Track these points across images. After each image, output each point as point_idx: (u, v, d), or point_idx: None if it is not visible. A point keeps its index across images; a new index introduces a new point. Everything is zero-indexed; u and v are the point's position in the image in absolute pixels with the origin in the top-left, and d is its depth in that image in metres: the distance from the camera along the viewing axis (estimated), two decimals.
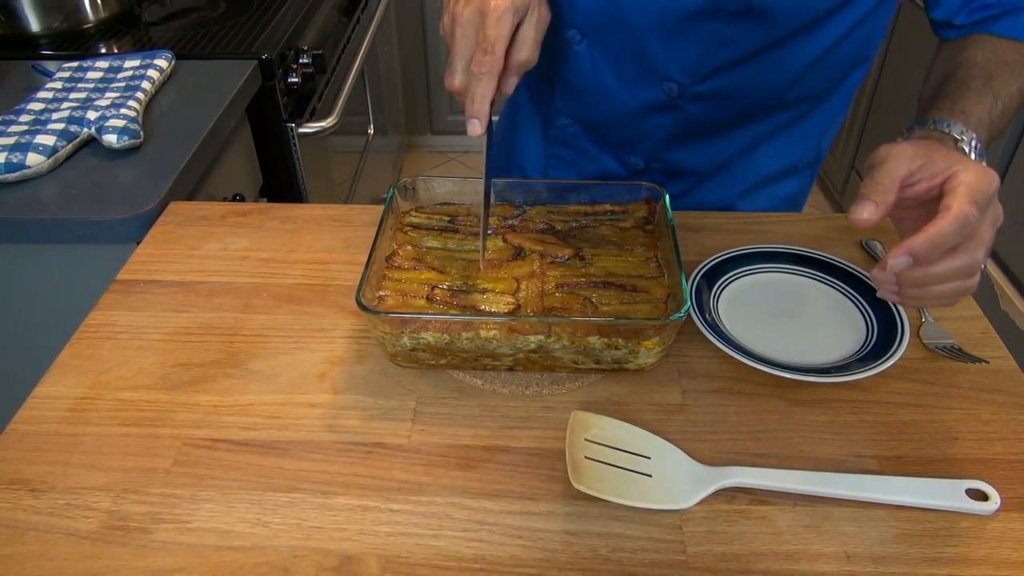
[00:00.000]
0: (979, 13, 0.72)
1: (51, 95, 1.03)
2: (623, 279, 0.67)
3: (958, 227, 0.49)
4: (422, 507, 0.54)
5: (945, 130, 0.62)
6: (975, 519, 0.54)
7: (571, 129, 0.90)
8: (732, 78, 0.77)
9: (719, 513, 0.54)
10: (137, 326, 0.69)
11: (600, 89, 0.82)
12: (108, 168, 0.93)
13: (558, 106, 0.89)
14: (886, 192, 0.52)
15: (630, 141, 0.87)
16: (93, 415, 0.61)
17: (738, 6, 0.70)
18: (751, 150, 0.86)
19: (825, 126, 0.87)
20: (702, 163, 0.87)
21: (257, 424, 0.60)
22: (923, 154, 0.53)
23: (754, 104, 0.81)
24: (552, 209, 0.75)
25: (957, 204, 0.50)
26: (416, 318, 0.61)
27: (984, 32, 0.72)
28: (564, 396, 0.63)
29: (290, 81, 1.33)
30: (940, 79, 0.71)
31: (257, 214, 0.84)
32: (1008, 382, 0.64)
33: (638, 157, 0.88)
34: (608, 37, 0.77)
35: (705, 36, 0.73)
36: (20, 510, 0.54)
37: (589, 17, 0.77)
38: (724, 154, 0.86)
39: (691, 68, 0.76)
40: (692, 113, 0.80)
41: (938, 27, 0.76)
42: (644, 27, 0.74)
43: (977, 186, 0.50)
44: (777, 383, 0.63)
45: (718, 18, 0.71)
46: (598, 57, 0.80)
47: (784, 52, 0.75)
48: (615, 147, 0.89)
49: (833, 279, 0.72)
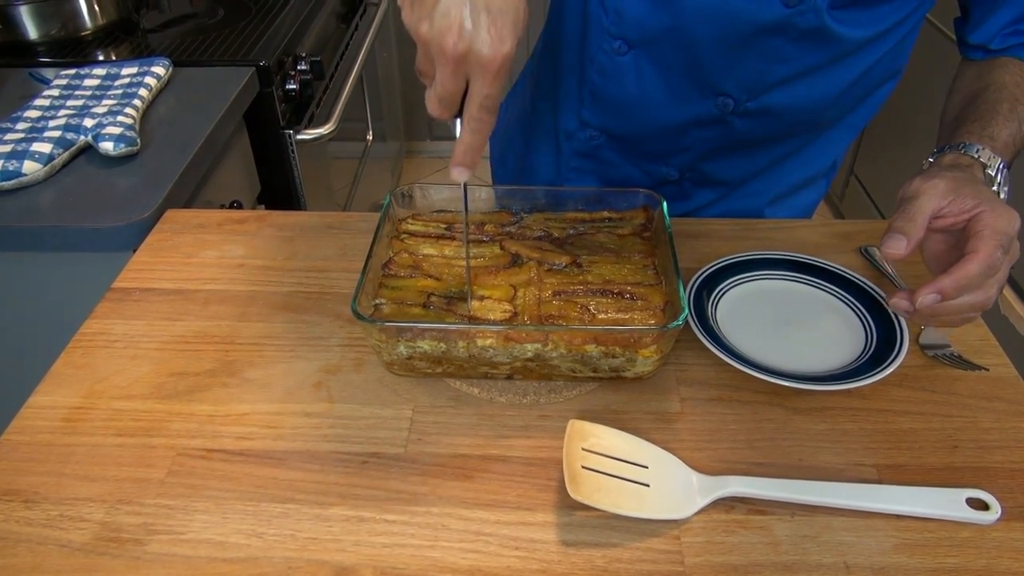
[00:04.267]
0: (1013, 39, 0.72)
1: (48, 102, 1.03)
2: (621, 286, 0.66)
3: (985, 270, 0.54)
4: (418, 518, 0.54)
5: (975, 156, 0.64)
6: (975, 528, 0.53)
7: (596, 141, 0.87)
8: (784, 95, 0.76)
9: (717, 523, 0.53)
10: (132, 335, 0.69)
11: (644, 101, 0.80)
12: (105, 175, 0.92)
13: (585, 117, 0.85)
14: (917, 228, 0.57)
15: (666, 153, 0.85)
16: (87, 425, 0.61)
17: (809, 24, 0.69)
18: (781, 161, 0.86)
19: (848, 137, 0.88)
20: (735, 174, 0.87)
21: (252, 434, 0.60)
22: (953, 189, 0.58)
23: (798, 120, 0.80)
24: (549, 216, 0.75)
25: (984, 248, 0.55)
26: (412, 326, 0.60)
27: (1013, 56, 0.72)
28: (561, 405, 0.62)
29: (288, 88, 1.33)
30: (967, 99, 0.71)
31: (254, 222, 0.84)
32: (1008, 390, 0.64)
33: (672, 168, 0.86)
34: (662, 49, 0.75)
35: (768, 53, 0.72)
36: (13, 521, 0.53)
37: (641, 28, 0.75)
38: (757, 165, 0.86)
39: (749, 84, 0.75)
40: (738, 128, 0.79)
41: (968, 48, 0.76)
42: (705, 42, 0.72)
43: (1002, 229, 0.55)
44: (776, 391, 0.63)
45: (787, 35, 0.70)
46: (647, 69, 0.77)
47: (834, 69, 0.75)
48: (645, 158, 0.87)
49: (832, 286, 0.72)
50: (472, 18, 0.47)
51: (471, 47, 0.47)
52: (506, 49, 0.48)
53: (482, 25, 0.47)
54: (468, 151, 0.52)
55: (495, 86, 0.49)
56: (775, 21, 0.69)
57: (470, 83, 0.50)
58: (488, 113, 0.50)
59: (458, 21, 0.47)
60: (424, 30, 0.48)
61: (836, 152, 0.89)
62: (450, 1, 0.47)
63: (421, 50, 0.50)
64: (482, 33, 0.47)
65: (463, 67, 0.48)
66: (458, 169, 0.53)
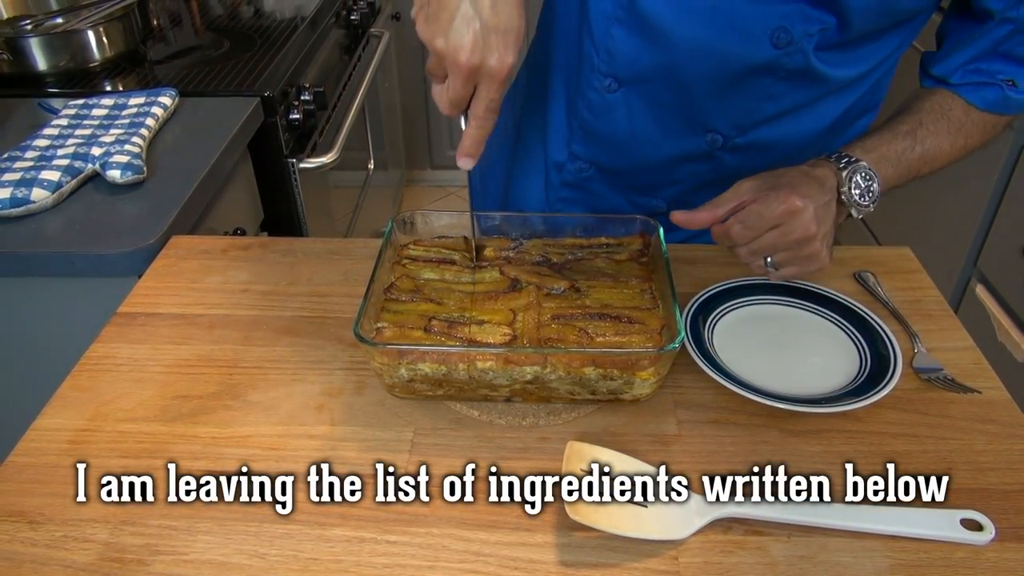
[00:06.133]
0: (971, 76, 0.74)
1: (57, 132, 1.05)
2: (618, 311, 0.67)
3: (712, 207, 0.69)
4: (419, 538, 0.54)
5: (832, 161, 0.71)
6: (970, 549, 0.54)
7: (586, 173, 0.89)
8: (772, 131, 0.79)
9: (715, 544, 0.54)
10: (137, 358, 0.70)
11: (634, 138, 0.82)
12: (111, 203, 0.94)
13: (575, 150, 0.87)
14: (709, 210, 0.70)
15: (655, 186, 0.87)
16: (92, 447, 0.61)
17: (796, 65, 0.72)
18: None
19: None
20: None
21: (255, 456, 0.61)
22: (764, 187, 0.68)
23: (785, 154, 0.82)
24: (548, 242, 0.76)
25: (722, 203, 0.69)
26: (413, 349, 0.61)
27: (961, 94, 0.75)
28: (560, 427, 0.63)
29: (292, 117, 1.36)
30: None
31: (257, 248, 0.86)
32: (1001, 412, 0.64)
33: (660, 200, 0.88)
34: (652, 87, 0.77)
35: (758, 92, 0.74)
36: (18, 542, 0.54)
37: (631, 67, 0.77)
38: None
39: (738, 121, 0.77)
40: (728, 163, 0.81)
41: (927, 79, 0.78)
42: (696, 80, 0.74)
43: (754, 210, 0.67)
44: (772, 414, 0.64)
45: (775, 74, 0.73)
46: (637, 105, 0.79)
47: (819, 106, 0.78)
48: (634, 190, 0.88)
49: (826, 310, 0.73)
50: (483, 36, 0.55)
51: (482, 61, 0.56)
52: (510, 61, 0.56)
53: (492, 43, 0.56)
54: (475, 143, 0.61)
55: (500, 92, 0.58)
56: (764, 62, 0.72)
57: (478, 89, 0.58)
58: (493, 113, 0.59)
59: (471, 39, 0.55)
60: (440, 45, 0.56)
61: None
62: (462, 21, 0.55)
63: (435, 59, 0.58)
64: (491, 49, 0.56)
65: (474, 77, 0.57)
66: (465, 159, 0.62)
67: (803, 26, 0.69)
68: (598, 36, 0.77)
